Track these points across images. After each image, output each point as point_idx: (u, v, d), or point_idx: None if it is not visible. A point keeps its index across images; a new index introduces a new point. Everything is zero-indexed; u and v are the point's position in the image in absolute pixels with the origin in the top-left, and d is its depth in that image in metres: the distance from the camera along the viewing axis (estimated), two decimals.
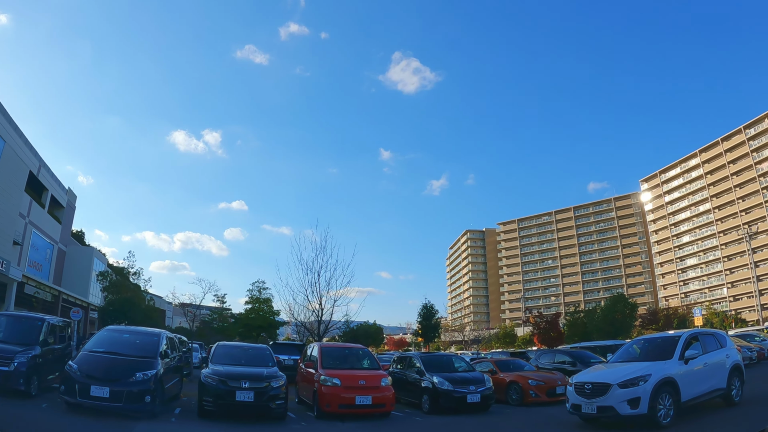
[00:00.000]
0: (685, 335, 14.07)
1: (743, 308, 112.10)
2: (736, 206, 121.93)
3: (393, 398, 16.27)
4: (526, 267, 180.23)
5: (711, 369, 13.82)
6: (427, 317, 70.11)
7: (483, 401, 17.56)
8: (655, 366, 12.95)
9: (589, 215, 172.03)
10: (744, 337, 34.92)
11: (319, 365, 16.72)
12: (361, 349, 19.43)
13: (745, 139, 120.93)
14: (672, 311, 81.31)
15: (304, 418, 16.18)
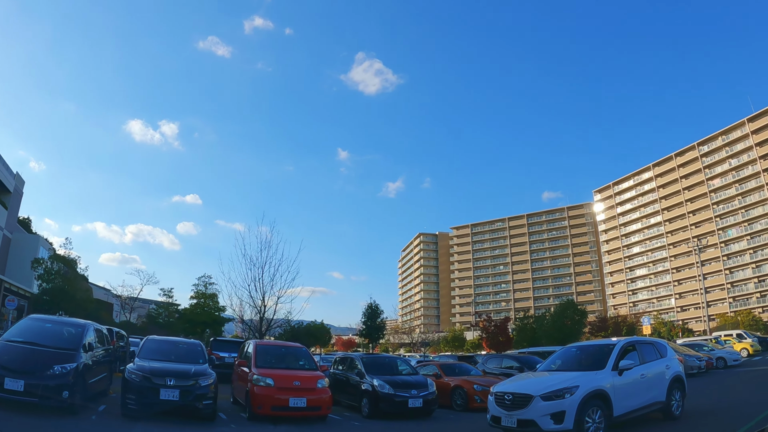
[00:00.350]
0: (620, 343, 13.19)
1: (690, 319, 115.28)
2: (687, 220, 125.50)
3: (330, 401, 15.54)
4: (477, 272, 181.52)
5: (649, 380, 12.97)
6: (372, 317, 69.01)
7: (425, 406, 16.86)
8: (584, 376, 12.00)
9: (542, 223, 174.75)
10: (693, 347, 35.55)
11: (253, 364, 15.74)
12: (299, 349, 18.37)
13: (698, 156, 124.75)
14: (621, 319, 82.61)
15: (236, 419, 15.27)
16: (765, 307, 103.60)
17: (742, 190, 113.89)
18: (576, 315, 59.57)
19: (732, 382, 24.21)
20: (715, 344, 41.91)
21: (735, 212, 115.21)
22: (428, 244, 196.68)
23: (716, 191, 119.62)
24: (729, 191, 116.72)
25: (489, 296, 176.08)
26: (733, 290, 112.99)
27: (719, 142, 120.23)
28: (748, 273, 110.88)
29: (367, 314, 68.69)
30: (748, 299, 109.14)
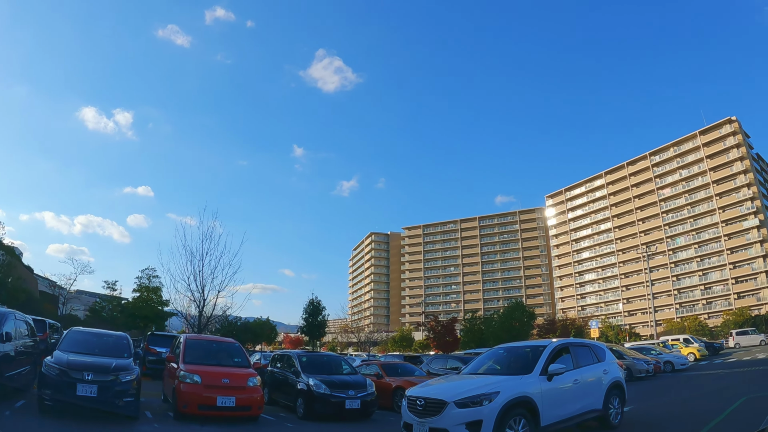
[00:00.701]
0: (552, 345, 12.04)
1: (637, 323, 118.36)
2: (636, 227, 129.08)
3: (261, 400, 14.79)
4: (428, 272, 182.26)
5: (583, 387, 11.84)
6: (314, 314, 66.70)
7: (363, 408, 16.11)
8: (507, 381, 10.79)
9: (493, 226, 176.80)
10: (641, 350, 36.45)
11: (181, 359, 14.78)
12: (231, 344, 17.30)
13: (649, 165, 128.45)
14: (569, 322, 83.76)
15: (162, 418, 14.27)
16: (711, 314, 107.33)
17: (691, 200, 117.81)
18: (524, 317, 59.74)
19: (680, 387, 24.42)
20: (663, 348, 43.00)
21: (683, 221, 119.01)
22: (380, 243, 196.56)
23: (666, 200, 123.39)
24: (678, 201, 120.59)
25: (439, 297, 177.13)
26: (680, 296, 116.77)
27: (671, 152, 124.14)
28: (695, 280, 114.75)
29: (309, 311, 66.35)
30: (694, 305, 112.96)
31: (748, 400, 16.22)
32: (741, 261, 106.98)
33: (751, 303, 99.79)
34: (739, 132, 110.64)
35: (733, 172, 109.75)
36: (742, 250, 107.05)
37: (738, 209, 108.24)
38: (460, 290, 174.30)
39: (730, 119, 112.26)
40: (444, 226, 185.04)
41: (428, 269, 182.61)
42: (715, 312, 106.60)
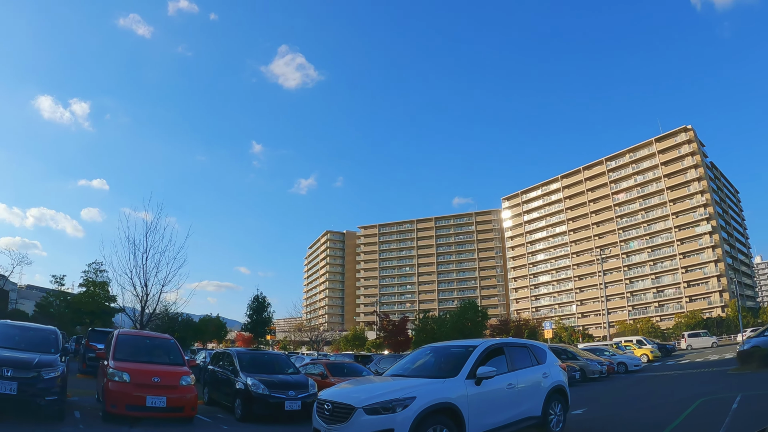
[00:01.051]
0: (483, 346, 10.84)
1: (590, 325, 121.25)
2: (591, 231, 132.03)
3: (194, 401, 13.82)
4: (383, 272, 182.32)
5: (520, 392, 10.80)
6: (259, 311, 64.58)
7: (304, 409, 15.09)
8: (427, 386, 9.62)
9: (449, 227, 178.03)
10: (595, 351, 36.94)
11: (111, 356, 13.99)
12: (167, 341, 16.38)
13: (605, 170, 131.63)
14: (523, 322, 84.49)
15: (90, 419, 13.40)
16: (663, 316, 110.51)
17: (645, 206, 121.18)
18: (477, 316, 58.24)
19: (633, 389, 24.51)
20: (616, 350, 43.86)
21: (637, 226, 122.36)
22: (335, 242, 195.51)
23: (621, 205, 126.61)
24: (633, 206, 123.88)
25: (394, 297, 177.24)
26: (633, 299, 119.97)
27: (627, 158, 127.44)
28: (648, 283, 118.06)
29: (253, 307, 64.18)
30: (646, 308, 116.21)
31: (704, 402, 16.32)
32: (693, 265, 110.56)
33: (702, 306, 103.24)
34: (695, 140, 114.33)
35: (687, 180, 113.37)
36: (694, 255, 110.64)
37: (691, 215, 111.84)
38: (415, 290, 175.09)
39: (686, 128, 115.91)
40: (400, 225, 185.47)
41: (383, 269, 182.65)
42: (668, 314, 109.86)
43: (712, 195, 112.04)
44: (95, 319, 55.67)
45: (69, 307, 57.33)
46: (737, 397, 15.98)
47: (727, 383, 21.81)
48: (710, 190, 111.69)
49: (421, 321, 61.78)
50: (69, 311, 56.94)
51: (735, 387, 19.27)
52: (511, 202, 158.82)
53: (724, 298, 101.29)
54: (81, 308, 55.94)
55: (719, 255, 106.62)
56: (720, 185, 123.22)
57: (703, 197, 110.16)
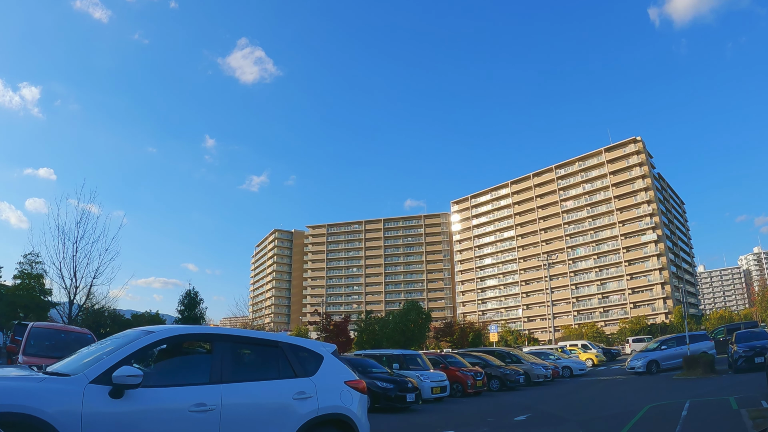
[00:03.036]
0: (157, 335, 6.20)
1: (536, 329, 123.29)
2: (539, 236, 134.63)
3: None
4: (331, 272, 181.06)
5: (229, 420, 6.05)
6: (190, 306, 57.46)
7: None
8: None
9: (398, 228, 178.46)
10: (540, 355, 37.01)
11: (22, 350, 13.55)
12: (84, 335, 15.61)
13: (554, 178, 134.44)
14: (468, 325, 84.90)
15: None
16: (608, 321, 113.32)
17: (593, 213, 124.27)
18: (420, 318, 57.49)
19: (578, 393, 24.42)
20: (562, 354, 43.65)
21: (584, 232, 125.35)
22: (283, 241, 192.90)
23: (569, 212, 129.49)
24: (580, 213, 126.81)
25: (341, 297, 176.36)
26: (578, 304, 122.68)
27: (576, 167, 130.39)
28: (593, 289, 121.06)
29: (185, 303, 57.16)
30: (591, 313, 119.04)
31: (653, 408, 16.16)
32: (638, 273, 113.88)
33: (646, 312, 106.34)
34: (643, 152, 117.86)
35: (635, 189, 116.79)
36: (639, 263, 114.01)
37: (637, 224, 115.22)
38: (362, 291, 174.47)
39: (635, 139, 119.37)
40: (349, 226, 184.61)
41: (331, 269, 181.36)
42: (612, 320, 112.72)
43: (659, 205, 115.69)
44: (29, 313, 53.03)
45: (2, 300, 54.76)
46: (686, 403, 15.94)
47: (673, 389, 21.91)
48: (657, 200, 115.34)
49: (363, 322, 60.89)
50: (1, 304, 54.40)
51: (683, 393, 19.23)
52: (460, 206, 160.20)
53: (668, 305, 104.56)
54: (15, 301, 53.59)
55: (664, 263, 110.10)
56: (666, 196, 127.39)
57: (650, 207, 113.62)
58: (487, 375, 26.40)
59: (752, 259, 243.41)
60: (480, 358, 29.32)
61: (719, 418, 13.32)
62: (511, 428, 14.32)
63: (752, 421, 11.22)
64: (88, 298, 26.97)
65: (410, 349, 37.59)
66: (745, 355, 24.38)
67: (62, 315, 26.86)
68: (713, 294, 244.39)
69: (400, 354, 25.35)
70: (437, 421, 16.03)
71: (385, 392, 18.61)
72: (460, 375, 24.40)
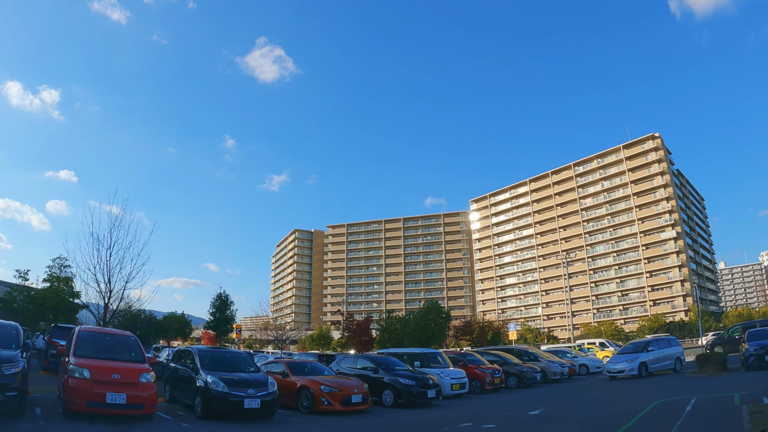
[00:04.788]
0: None
1: (555, 327, 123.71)
2: (558, 234, 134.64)
3: (154, 398, 13.77)
4: (351, 271, 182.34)
5: None
6: (222, 309, 63.68)
7: (263, 407, 15.29)
8: None
9: (417, 227, 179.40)
10: (557, 353, 37.77)
11: (72, 352, 13.97)
12: (128, 338, 16.41)
13: (573, 175, 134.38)
14: (487, 324, 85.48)
15: (50, 415, 13.46)
16: (627, 319, 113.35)
17: (612, 210, 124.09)
18: (440, 317, 58.13)
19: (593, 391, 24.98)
20: (579, 351, 44.49)
21: (603, 230, 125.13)
22: (303, 241, 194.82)
23: (587, 209, 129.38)
24: (599, 210, 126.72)
25: (361, 296, 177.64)
26: (598, 302, 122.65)
27: (594, 164, 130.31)
28: (613, 287, 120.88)
29: (216, 305, 63.27)
30: (611, 311, 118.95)
31: (660, 404, 16.72)
32: (657, 270, 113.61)
33: (666, 310, 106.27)
34: (661, 148, 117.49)
35: (653, 186, 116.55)
36: (659, 260, 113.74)
37: (656, 221, 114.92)
38: (382, 290, 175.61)
39: (654, 135, 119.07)
40: (368, 225, 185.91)
41: (351, 268, 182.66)
42: (632, 318, 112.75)
43: (678, 202, 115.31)
44: (59, 315, 54.82)
45: (32, 303, 56.51)
46: (692, 399, 16.61)
47: (685, 386, 22.46)
48: (676, 197, 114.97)
49: (385, 321, 62.42)
50: (32, 307, 56.13)
51: (692, 390, 19.90)
52: (479, 204, 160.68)
53: (687, 303, 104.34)
54: (44, 304, 55.13)
55: (683, 260, 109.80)
56: (686, 192, 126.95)
57: (669, 204, 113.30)
58: (505, 372, 27.47)
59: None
60: (498, 356, 30.25)
61: (720, 413, 14.18)
62: (525, 422, 15.44)
63: (750, 416, 12.03)
64: (122, 301, 28.17)
65: (430, 348, 38.69)
66: (756, 353, 24.91)
67: (97, 318, 28.13)
68: (734, 291, 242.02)
69: (421, 352, 26.46)
70: (456, 416, 17.08)
71: (408, 388, 19.73)
72: (478, 372, 25.44)
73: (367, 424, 15.82)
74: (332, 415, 16.91)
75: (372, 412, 18.10)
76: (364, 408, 18.02)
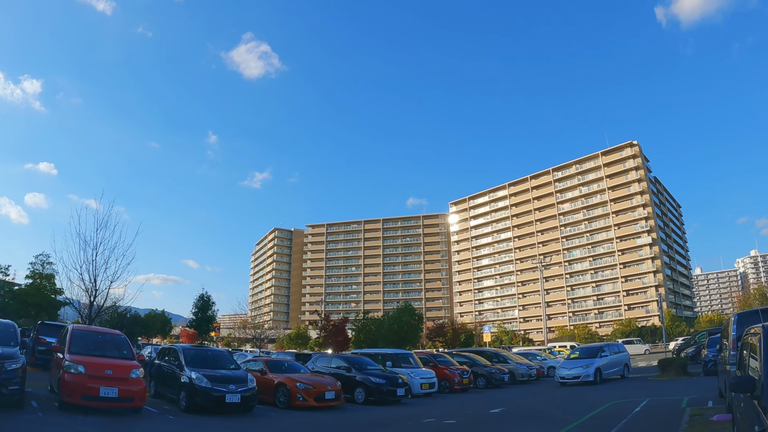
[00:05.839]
0: None
1: (532, 329, 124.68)
2: (535, 238, 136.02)
3: (143, 392, 14.77)
4: (330, 271, 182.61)
5: None
6: (203, 309, 66.43)
7: (243, 402, 16.44)
8: None
9: (397, 228, 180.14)
10: (527, 356, 38.86)
11: (67, 349, 14.96)
12: (117, 336, 17.41)
13: (552, 180, 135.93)
14: (460, 326, 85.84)
15: (47, 408, 14.38)
16: (602, 323, 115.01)
17: (589, 216, 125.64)
18: (413, 319, 60.38)
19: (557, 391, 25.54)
20: (549, 354, 45.86)
21: (580, 235, 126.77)
22: (283, 240, 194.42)
23: (565, 214, 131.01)
24: (577, 216, 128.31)
25: (340, 296, 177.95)
26: (574, 305, 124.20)
27: (573, 170, 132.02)
28: (588, 291, 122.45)
29: (198, 305, 65.94)
30: (586, 315, 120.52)
31: (614, 404, 17.70)
32: (633, 275, 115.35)
33: (640, 314, 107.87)
34: (639, 156, 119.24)
35: (631, 193, 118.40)
36: (634, 265, 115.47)
37: (632, 227, 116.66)
38: (360, 290, 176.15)
39: (632, 143, 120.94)
40: (348, 226, 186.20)
41: (330, 268, 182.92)
42: (606, 321, 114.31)
43: (654, 208, 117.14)
44: (41, 311, 54.97)
45: (15, 299, 56.43)
46: (644, 401, 17.71)
47: (643, 388, 23.48)
48: (652, 203, 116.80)
49: (360, 322, 63.36)
50: (14, 303, 56.04)
51: (648, 392, 20.96)
52: (458, 207, 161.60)
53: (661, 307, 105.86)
54: (27, 300, 55.26)
55: (658, 266, 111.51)
56: (662, 199, 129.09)
57: (645, 210, 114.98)
58: (474, 373, 28.50)
59: (749, 262, 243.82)
60: (468, 357, 31.28)
61: (664, 413, 15.19)
62: (484, 419, 16.50)
63: (690, 417, 12.86)
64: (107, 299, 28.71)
65: (404, 349, 39.40)
66: (714, 358, 25.62)
67: (83, 316, 28.75)
68: (710, 297, 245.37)
69: (393, 353, 27.44)
70: (422, 412, 18.19)
71: (378, 387, 20.91)
72: (447, 373, 26.35)
73: (338, 419, 17.01)
74: (307, 410, 18.05)
75: (344, 408, 19.30)
76: (337, 404, 19.20)
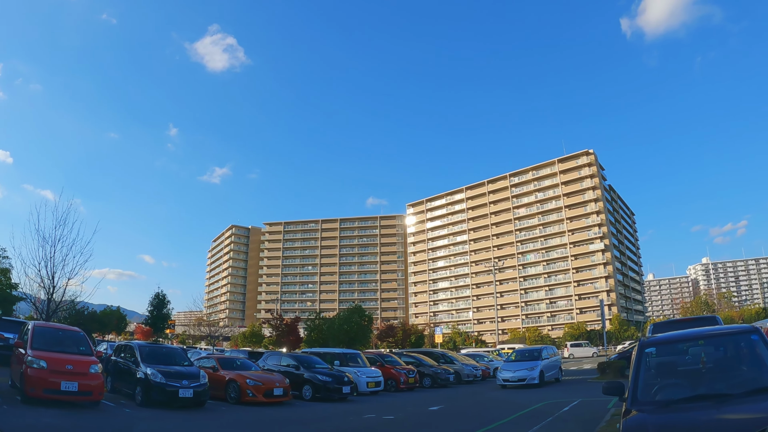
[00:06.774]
0: None
1: (486, 331, 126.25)
2: (491, 241, 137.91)
3: (101, 387, 15.47)
4: (286, 270, 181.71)
5: None
6: (159, 307, 68.71)
7: (196, 397, 17.26)
8: None
9: (354, 229, 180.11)
10: (475, 357, 40.11)
11: (29, 345, 15.51)
12: (77, 333, 18.00)
13: (508, 185, 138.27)
14: (410, 327, 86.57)
15: (10, 401, 14.82)
16: (554, 326, 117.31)
17: (544, 221, 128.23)
18: (363, 320, 60.87)
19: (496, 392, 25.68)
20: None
21: (535, 239, 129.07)
22: (240, 237, 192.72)
23: (520, 219, 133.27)
24: (532, 221, 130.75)
25: (296, 295, 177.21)
26: (527, 308, 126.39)
27: (530, 176, 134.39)
28: (542, 294, 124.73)
29: (154, 304, 68.26)
30: (539, 317, 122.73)
31: (545, 405, 18.32)
32: (585, 279, 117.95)
33: (591, 318, 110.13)
34: (595, 164, 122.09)
35: (585, 200, 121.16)
36: (586, 270, 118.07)
37: (586, 233, 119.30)
38: (316, 290, 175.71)
39: (588, 151, 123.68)
40: (305, 225, 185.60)
41: (286, 266, 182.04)
42: (559, 324, 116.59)
43: (608, 215, 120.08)
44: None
45: None
46: (575, 401, 18.65)
47: (579, 390, 24.47)
48: (606, 211, 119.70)
49: (313, 322, 63.95)
50: None
51: (582, 393, 21.89)
52: (416, 208, 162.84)
53: (612, 312, 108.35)
54: None
55: (610, 271, 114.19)
56: (616, 207, 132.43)
57: (599, 217, 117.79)
58: (420, 373, 29.42)
59: (700, 269, 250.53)
60: (415, 358, 32.24)
61: (589, 412, 15.99)
62: (422, 415, 17.46)
63: (611, 417, 13.63)
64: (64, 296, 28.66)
65: (354, 349, 39.96)
66: None
67: (40, 312, 28.61)
68: (662, 302, 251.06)
69: (341, 352, 28.38)
70: (366, 409, 19.08)
71: (325, 384, 21.82)
72: (394, 372, 27.37)
73: (284, 414, 17.92)
74: (256, 405, 18.89)
75: (292, 404, 20.28)
76: (285, 400, 20.14)
